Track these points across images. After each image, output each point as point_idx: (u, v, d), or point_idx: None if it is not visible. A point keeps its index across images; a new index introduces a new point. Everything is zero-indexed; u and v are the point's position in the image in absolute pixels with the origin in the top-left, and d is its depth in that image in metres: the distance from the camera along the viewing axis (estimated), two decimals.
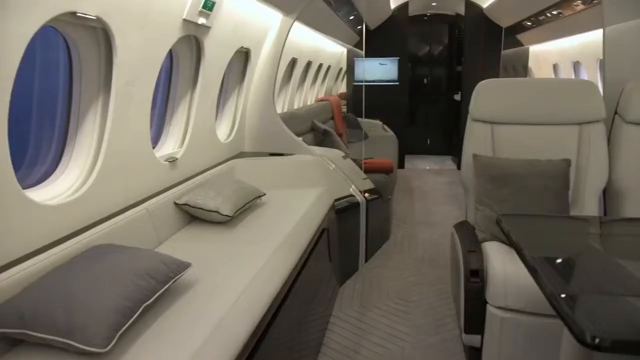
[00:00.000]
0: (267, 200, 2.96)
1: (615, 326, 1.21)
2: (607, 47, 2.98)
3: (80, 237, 1.85)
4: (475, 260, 2.21)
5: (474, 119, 2.70)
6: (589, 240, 1.99)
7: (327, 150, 3.78)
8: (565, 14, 4.81)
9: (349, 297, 3.22)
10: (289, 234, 2.43)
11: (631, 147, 2.61)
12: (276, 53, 3.60)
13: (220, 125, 3.43)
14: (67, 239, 1.82)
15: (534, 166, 2.40)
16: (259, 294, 1.83)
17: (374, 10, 6.30)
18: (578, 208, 2.56)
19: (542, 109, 2.66)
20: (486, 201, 2.41)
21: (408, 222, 4.79)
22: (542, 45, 6.50)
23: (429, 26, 8.61)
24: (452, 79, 8.44)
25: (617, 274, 1.58)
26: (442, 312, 3.01)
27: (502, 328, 2.11)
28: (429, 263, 3.78)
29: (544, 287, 1.33)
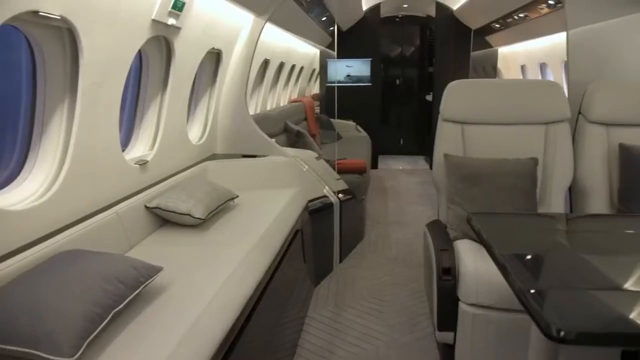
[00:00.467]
0: (240, 202, 2.94)
1: (580, 319, 1.25)
2: (571, 49, 3.07)
3: (47, 243, 1.80)
4: (447, 258, 2.24)
5: (445, 119, 2.75)
6: (556, 237, 2.05)
7: (300, 152, 3.78)
8: (531, 17, 4.94)
9: (324, 298, 3.22)
10: (262, 235, 2.42)
11: (594, 145, 2.69)
12: (248, 54, 3.58)
13: (191, 127, 3.39)
14: (33, 245, 1.76)
15: (502, 165, 2.45)
16: (232, 296, 1.82)
17: (346, 11, 6.33)
18: (545, 205, 2.62)
19: (510, 109, 2.72)
20: (457, 200, 2.45)
21: (382, 222, 4.83)
22: (511, 46, 6.65)
23: (401, 27, 8.71)
24: (424, 79, 8.56)
25: (582, 269, 1.63)
26: (415, 311, 3.04)
27: (474, 324, 2.15)
28: (402, 262, 3.82)
29: (513, 284, 1.36)
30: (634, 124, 2.68)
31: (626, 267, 1.64)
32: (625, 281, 1.51)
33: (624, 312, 1.29)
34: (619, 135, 2.67)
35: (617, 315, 1.30)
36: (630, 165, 2.55)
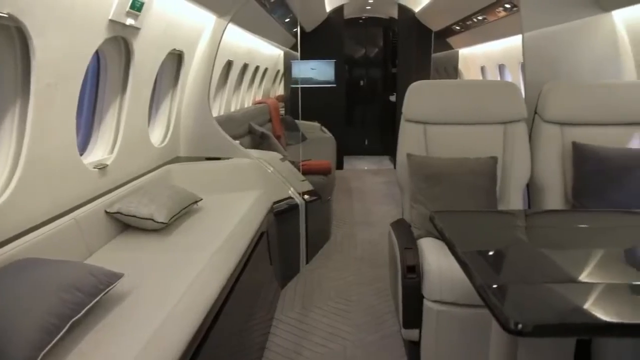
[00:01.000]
0: (204, 206, 2.90)
1: (537, 312, 1.29)
2: (526, 51, 3.17)
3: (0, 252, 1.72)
4: (412, 256, 2.28)
5: (407, 119, 2.79)
6: (516, 233, 2.10)
7: (264, 153, 3.76)
8: (489, 19, 5.08)
9: (291, 299, 3.22)
10: (226, 238, 2.39)
11: (549, 144, 2.79)
12: (210, 55, 3.54)
13: (153, 129, 3.32)
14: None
15: (464, 164, 2.51)
16: (196, 301, 1.79)
17: (309, 12, 6.34)
18: (505, 202, 2.70)
19: (470, 109, 2.79)
20: (420, 199, 2.49)
21: (348, 222, 4.87)
22: (471, 48, 6.82)
23: (365, 29, 8.79)
24: (387, 80, 8.68)
25: (540, 263, 1.69)
26: (381, 310, 3.08)
27: (438, 321, 2.19)
28: (368, 262, 3.86)
29: (473, 280, 1.40)
30: (586, 123, 2.79)
31: (580, 260, 1.70)
32: (580, 273, 1.58)
33: (578, 304, 1.34)
34: (572, 134, 2.77)
35: (572, 307, 1.35)
36: (583, 163, 2.66)
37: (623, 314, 1.30)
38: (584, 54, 3.21)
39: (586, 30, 3.20)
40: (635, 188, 2.53)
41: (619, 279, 1.54)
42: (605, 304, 1.33)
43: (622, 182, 2.54)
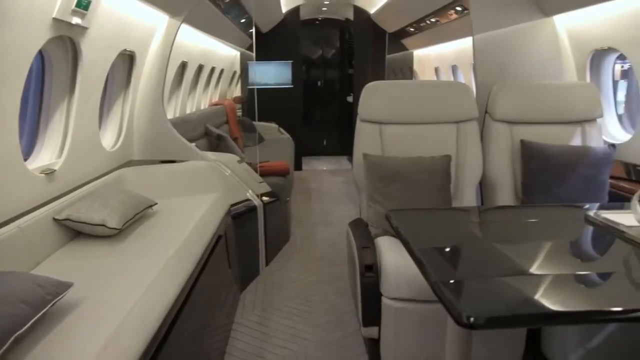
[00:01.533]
0: (159, 210, 2.83)
1: (488, 305, 1.33)
2: (477, 53, 3.28)
3: None
4: (369, 255, 2.31)
5: (363, 119, 2.82)
6: (469, 229, 2.16)
7: (221, 155, 3.71)
8: (442, 22, 5.21)
9: (251, 302, 3.19)
10: (182, 243, 2.34)
11: (499, 142, 2.89)
12: (164, 56, 3.46)
13: (105, 132, 3.22)
14: None
15: (418, 163, 2.56)
16: (151, 308, 1.74)
17: (265, 13, 6.31)
18: (459, 200, 2.78)
19: (424, 109, 2.85)
20: (377, 198, 2.52)
21: (307, 223, 4.87)
22: (425, 49, 6.97)
23: (321, 30, 8.83)
24: (344, 81, 8.74)
25: (493, 257, 1.74)
26: (342, 309, 3.10)
27: (396, 317, 2.22)
28: (328, 262, 3.87)
29: (428, 277, 1.43)
30: (532, 122, 2.91)
31: (530, 253, 1.77)
32: (530, 266, 1.64)
33: (528, 295, 1.39)
34: (520, 132, 2.88)
35: (522, 299, 1.40)
36: (530, 160, 2.77)
37: (569, 303, 1.36)
38: (529, 55, 3.35)
39: (531, 34, 3.34)
40: (577, 183, 2.66)
41: (565, 269, 1.61)
42: (553, 295, 1.39)
43: (565, 177, 2.66)
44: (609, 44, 3.04)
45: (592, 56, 3.28)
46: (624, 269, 1.63)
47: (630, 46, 2.86)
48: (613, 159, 2.75)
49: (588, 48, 3.24)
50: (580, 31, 3.24)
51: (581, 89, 3.04)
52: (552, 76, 3.35)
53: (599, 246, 1.85)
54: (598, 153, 2.72)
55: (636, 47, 2.81)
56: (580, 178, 2.66)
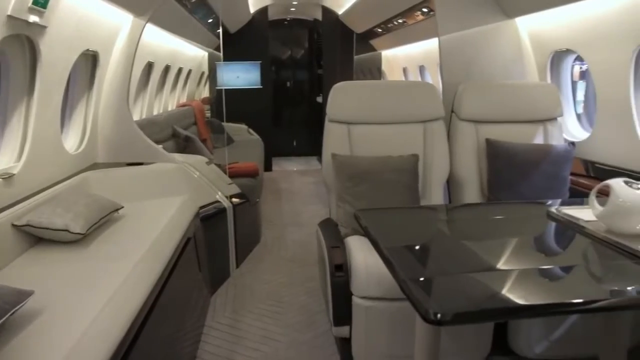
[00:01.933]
0: (126, 213, 2.77)
1: (455, 302, 1.35)
2: (442, 54, 3.34)
3: None
4: (339, 255, 2.31)
5: (331, 119, 2.83)
6: (437, 227, 2.20)
7: (189, 157, 3.66)
8: (409, 22, 5.28)
9: (222, 305, 3.16)
10: (150, 246, 2.30)
11: (465, 141, 2.95)
12: (128, 56, 3.38)
13: (67, 135, 3.12)
14: None
15: (387, 163, 2.58)
16: (117, 314, 1.70)
17: (233, 13, 6.26)
18: (427, 198, 2.82)
19: (392, 109, 2.88)
20: (346, 198, 2.54)
21: (277, 224, 4.86)
22: (393, 50, 7.05)
23: (290, 30, 8.82)
24: (313, 81, 8.76)
25: (460, 254, 1.77)
26: (313, 309, 3.10)
27: (367, 316, 2.24)
28: (299, 262, 3.87)
29: (396, 275, 1.44)
30: (497, 121, 2.98)
31: (497, 249, 1.82)
32: (496, 262, 1.68)
33: (494, 290, 1.43)
34: (485, 131, 2.95)
35: (489, 294, 1.43)
36: (496, 158, 2.83)
37: (533, 296, 1.40)
38: (493, 56, 3.43)
39: (495, 35, 3.42)
40: (539, 180, 2.74)
41: (529, 264, 1.66)
42: (518, 289, 1.43)
43: (528, 175, 2.74)
44: (567, 46, 3.15)
45: (552, 57, 3.39)
46: (583, 262, 1.69)
47: (586, 48, 2.96)
48: (573, 157, 2.85)
49: (548, 49, 3.34)
50: (540, 33, 3.34)
51: (542, 89, 3.14)
52: (515, 76, 3.44)
53: (561, 241, 1.90)
54: (559, 151, 2.81)
55: (591, 48, 2.92)
56: (542, 175, 2.74)
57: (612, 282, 1.51)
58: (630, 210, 1.63)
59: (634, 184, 1.66)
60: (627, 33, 2.61)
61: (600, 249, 1.66)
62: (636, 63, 2.65)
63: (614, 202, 1.65)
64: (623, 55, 2.66)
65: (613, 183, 1.68)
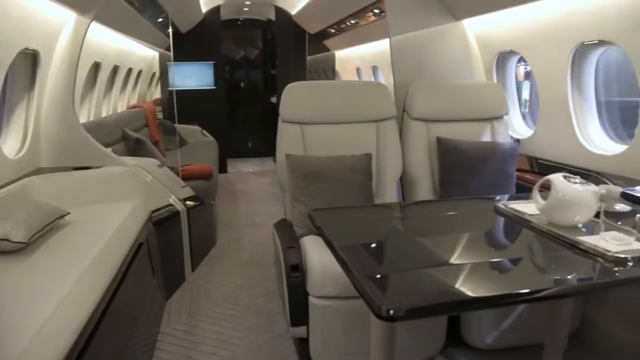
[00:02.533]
0: (73, 220, 2.66)
1: (407, 297, 1.38)
2: (394, 54, 3.40)
3: None
4: (294, 255, 2.31)
5: (284, 120, 2.83)
6: (392, 224, 2.23)
7: (140, 160, 3.55)
8: (361, 23, 5.34)
9: (177, 310, 3.09)
10: (99, 253, 2.21)
11: (417, 140, 3.01)
12: (72, 56, 3.25)
13: (6, 139, 2.96)
14: None
15: (340, 162, 2.60)
16: (64, 325, 1.63)
17: (183, 13, 6.13)
18: (381, 196, 2.86)
19: (344, 109, 2.90)
20: (301, 198, 2.54)
21: (234, 226, 4.80)
22: (347, 50, 7.11)
23: (243, 30, 8.74)
24: (268, 82, 8.71)
25: (414, 250, 1.80)
26: (272, 310, 3.08)
27: (323, 315, 2.25)
28: (256, 264, 3.84)
29: (349, 273, 1.45)
30: (446, 120, 3.06)
31: (449, 244, 1.86)
32: (450, 257, 1.71)
33: (447, 284, 1.46)
34: (436, 129, 3.02)
35: (441, 288, 1.46)
36: (446, 156, 2.91)
37: (483, 289, 1.44)
38: (442, 56, 3.53)
39: (444, 36, 3.52)
40: (488, 176, 2.83)
41: (480, 258, 1.71)
42: (469, 282, 1.47)
43: (477, 171, 2.83)
44: (511, 47, 3.28)
45: (498, 58, 3.52)
46: (529, 254, 1.76)
47: (528, 49, 3.10)
48: (518, 153, 2.97)
49: (493, 50, 3.47)
50: (486, 35, 3.46)
51: (489, 88, 3.25)
52: (464, 76, 3.55)
53: (509, 234, 1.97)
54: (505, 148, 2.92)
55: (532, 50, 3.05)
56: (490, 171, 2.84)
57: (555, 272, 1.58)
58: (568, 203, 1.71)
59: (572, 179, 1.75)
60: (564, 36, 2.75)
61: (543, 241, 1.73)
62: (573, 64, 2.79)
63: (554, 196, 1.73)
64: (561, 56, 2.80)
65: (553, 178, 1.76)
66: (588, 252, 1.54)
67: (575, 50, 2.74)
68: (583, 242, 1.58)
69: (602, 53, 2.77)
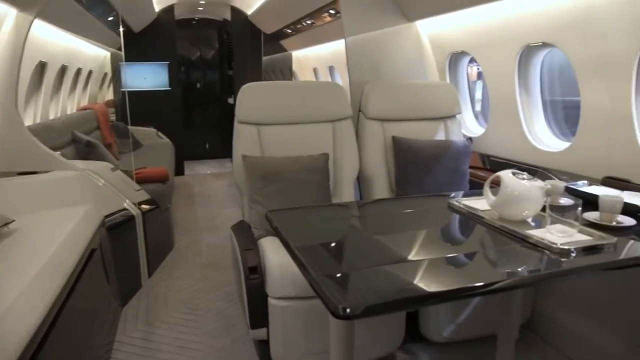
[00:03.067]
0: (18, 227, 2.53)
1: (364, 295, 1.39)
2: (349, 54, 3.43)
3: None
4: (253, 257, 2.29)
5: (240, 121, 2.80)
6: (350, 223, 2.25)
7: (91, 164, 3.44)
8: (317, 24, 5.36)
9: (133, 317, 3.01)
10: (48, 261, 2.11)
11: (373, 139, 3.05)
12: (14, 55, 3.09)
13: None
14: None
15: (297, 162, 2.60)
16: (8, 338, 1.55)
17: (135, 11, 5.97)
18: (338, 196, 2.88)
19: (301, 109, 2.90)
20: (258, 199, 2.52)
21: (192, 229, 4.72)
22: (304, 50, 7.12)
23: (199, 30, 8.60)
24: (224, 82, 8.61)
25: (372, 248, 1.82)
26: (231, 313, 3.05)
27: (283, 316, 2.24)
28: (215, 267, 3.79)
29: (305, 273, 1.45)
30: (401, 119, 3.11)
31: (407, 241, 1.88)
32: (407, 253, 1.74)
33: (404, 280, 1.47)
34: (391, 129, 3.07)
35: (398, 285, 1.47)
36: (401, 154, 2.96)
37: (439, 283, 1.47)
38: (397, 57, 3.59)
39: (398, 37, 3.58)
40: (442, 174, 2.90)
41: (437, 254, 1.74)
42: (426, 278, 1.49)
43: (432, 169, 2.89)
44: (462, 48, 3.37)
45: (450, 58, 3.61)
46: (482, 249, 1.81)
47: (478, 50, 3.19)
48: (471, 151, 3.06)
49: (446, 51, 3.56)
50: (438, 36, 3.54)
51: (442, 88, 3.33)
52: (418, 76, 3.62)
53: (464, 230, 2.02)
54: (458, 146, 3.00)
55: (482, 51, 3.15)
56: (444, 169, 2.91)
57: (506, 265, 1.64)
58: (517, 198, 1.77)
59: (520, 175, 1.81)
60: (511, 38, 2.85)
61: (495, 236, 1.79)
62: (520, 65, 2.90)
63: (503, 192, 1.80)
64: (509, 57, 2.91)
65: (502, 174, 1.83)
66: (536, 245, 1.60)
67: (522, 51, 2.85)
68: (531, 235, 1.64)
69: (547, 54, 2.89)
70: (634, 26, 2.13)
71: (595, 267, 1.55)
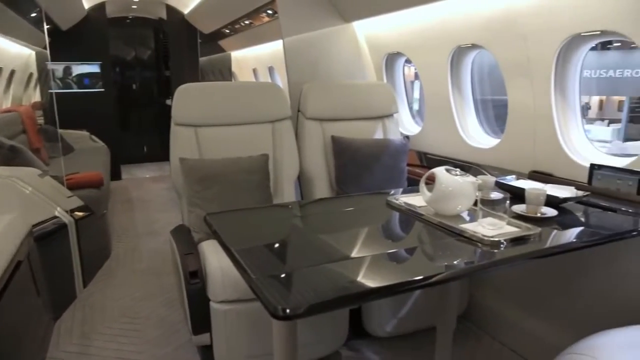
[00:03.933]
0: None
1: (304, 294, 1.38)
2: (287, 55, 3.43)
3: None
4: (193, 261, 2.24)
5: (177, 123, 2.73)
6: (291, 223, 2.24)
7: (16, 170, 3.22)
8: (255, 24, 5.32)
9: (68, 331, 2.86)
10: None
11: (312, 139, 3.07)
12: None
13: None
14: None
15: (237, 164, 2.57)
16: None
17: (61, 8, 5.67)
18: (279, 196, 2.87)
19: (239, 110, 2.87)
20: (197, 202, 2.47)
21: (130, 235, 4.55)
22: (243, 51, 7.03)
23: (133, 29, 8.29)
24: (162, 83, 8.36)
25: (314, 247, 1.82)
26: (174, 320, 2.97)
27: (226, 320, 2.21)
28: (155, 273, 3.67)
29: (245, 276, 1.44)
30: (340, 119, 3.15)
31: (349, 239, 1.90)
32: (349, 251, 1.75)
33: (346, 278, 1.49)
34: (330, 128, 3.10)
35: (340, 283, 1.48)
36: (341, 154, 3.00)
37: (380, 279, 1.49)
38: (335, 57, 3.63)
39: (336, 37, 3.62)
40: (381, 172, 2.97)
41: (379, 250, 1.76)
42: (367, 274, 1.51)
43: (371, 168, 2.95)
44: (397, 49, 3.47)
45: (386, 59, 3.70)
46: (420, 244, 1.87)
47: (412, 51, 3.29)
48: (408, 149, 3.14)
49: (382, 52, 3.64)
50: (375, 37, 3.62)
51: (379, 88, 3.41)
52: (356, 76, 3.69)
53: (403, 226, 2.07)
54: (396, 144, 3.08)
55: (416, 52, 3.26)
56: (383, 167, 2.97)
57: (443, 258, 1.70)
58: (451, 194, 1.84)
59: (453, 171, 1.89)
60: (443, 39, 2.96)
61: (432, 231, 1.85)
62: (452, 65, 3.02)
63: (437, 188, 1.86)
64: (441, 58, 3.02)
65: (437, 171, 1.89)
66: (470, 239, 1.67)
67: (453, 52, 2.96)
68: (465, 229, 1.71)
69: (476, 55, 3.03)
70: (550, 31, 2.28)
71: (523, 256, 1.64)
